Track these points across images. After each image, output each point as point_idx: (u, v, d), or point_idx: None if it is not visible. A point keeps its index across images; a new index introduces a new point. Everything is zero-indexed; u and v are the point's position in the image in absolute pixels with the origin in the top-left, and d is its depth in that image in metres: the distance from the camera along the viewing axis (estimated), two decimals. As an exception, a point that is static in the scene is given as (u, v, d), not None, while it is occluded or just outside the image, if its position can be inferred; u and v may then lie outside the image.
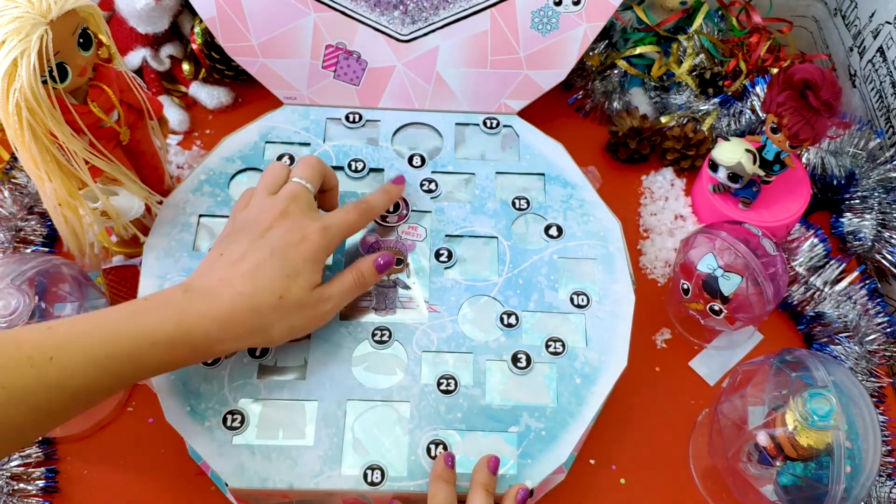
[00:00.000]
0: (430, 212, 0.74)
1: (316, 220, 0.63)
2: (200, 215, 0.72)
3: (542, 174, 0.77)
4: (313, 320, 0.63)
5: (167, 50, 0.92)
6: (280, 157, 0.76)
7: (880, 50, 0.90)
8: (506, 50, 0.80)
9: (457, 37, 0.80)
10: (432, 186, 0.75)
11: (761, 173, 0.80)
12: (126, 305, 0.57)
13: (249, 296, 0.58)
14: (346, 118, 0.80)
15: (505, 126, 0.81)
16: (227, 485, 0.61)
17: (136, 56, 0.90)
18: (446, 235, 0.73)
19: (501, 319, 0.68)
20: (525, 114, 0.83)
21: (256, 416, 0.63)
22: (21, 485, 0.68)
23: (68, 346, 0.52)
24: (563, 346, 0.67)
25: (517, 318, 0.68)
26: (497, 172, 0.77)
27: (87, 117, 0.63)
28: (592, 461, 0.73)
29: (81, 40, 0.60)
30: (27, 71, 0.55)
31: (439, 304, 0.69)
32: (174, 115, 0.90)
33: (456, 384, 0.65)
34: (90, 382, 0.53)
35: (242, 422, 0.62)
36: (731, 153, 0.78)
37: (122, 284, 0.75)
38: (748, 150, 0.77)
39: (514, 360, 0.66)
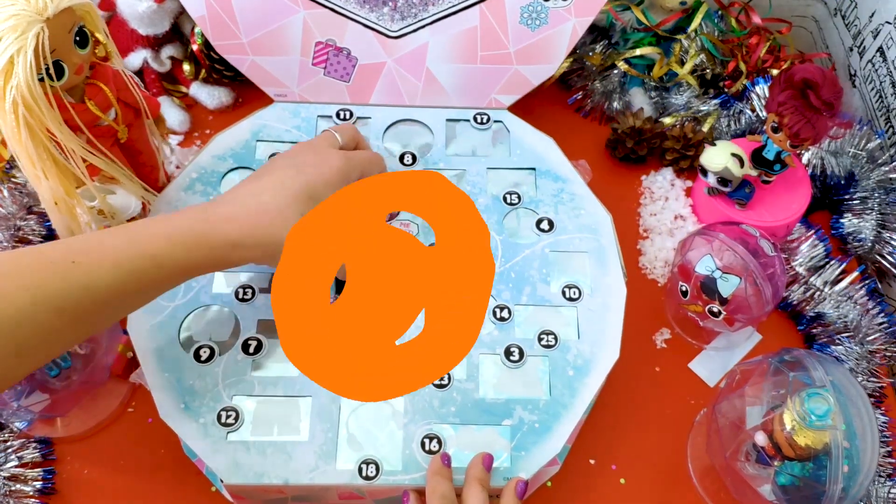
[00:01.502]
0: None
1: (339, 151, 0.66)
2: None
3: (533, 168, 0.78)
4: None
5: (168, 51, 0.92)
6: (271, 157, 0.76)
7: (880, 50, 0.90)
8: (495, 45, 0.81)
9: (446, 33, 0.80)
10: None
11: (754, 173, 0.80)
12: (150, 217, 0.59)
13: (274, 207, 0.60)
14: (337, 115, 0.81)
15: (495, 121, 0.81)
16: (222, 481, 0.61)
17: (137, 57, 0.91)
18: None
19: (494, 313, 0.68)
20: (525, 114, 0.83)
21: (251, 413, 0.63)
22: (18, 485, 0.68)
23: (91, 250, 0.53)
24: (556, 338, 0.67)
25: (510, 312, 0.68)
26: (488, 168, 0.77)
27: (84, 115, 0.63)
28: (592, 461, 0.72)
29: (78, 38, 0.60)
30: (23, 69, 0.55)
31: None
32: (175, 115, 0.90)
33: (449, 378, 0.65)
34: (115, 284, 0.53)
35: (237, 418, 0.63)
36: (717, 158, 0.78)
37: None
38: (734, 154, 0.78)
39: (507, 353, 0.66)
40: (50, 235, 0.80)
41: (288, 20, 0.79)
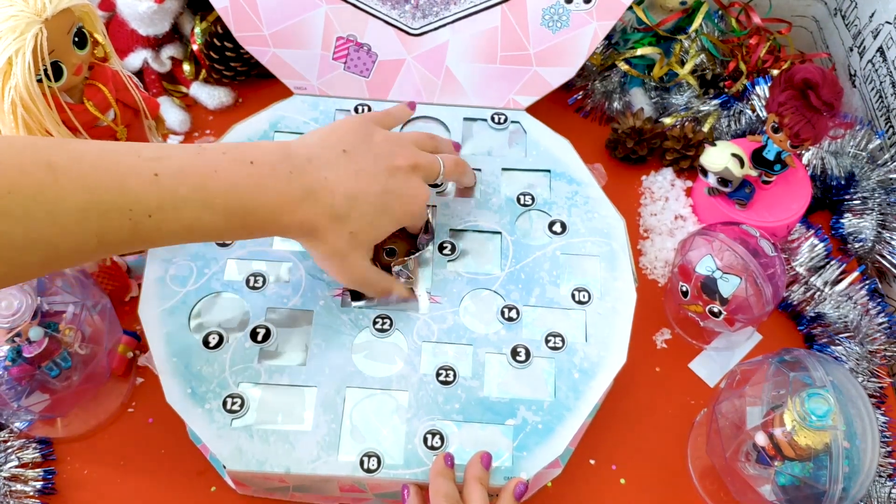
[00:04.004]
0: (434, 206, 0.74)
1: (427, 192, 0.66)
2: None
3: (548, 171, 0.77)
4: (342, 274, 0.64)
5: (168, 51, 0.92)
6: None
7: (880, 50, 0.90)
8: (515, 46, 0.81)
9: (467, 32, 0.80)
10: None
11: (754, 174, 0.80)
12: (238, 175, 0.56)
13: (341, 217, 0.60)
14: (356, 110, 0.81)
15: (513, 122, 0.81)
16: (224, 467, 0.61)
17: (138, 57, 0.91)
18: (451, 230, 0.73)
19: (502, 313, 0.68)
20: (527, 113, 0.83)
21: (256, 401, 0.64)
22: (18, 485, 0.68)
23: (167, 206, 0.52)
24: (563, 341, 0.67)
25: (518, 312, 0.68)
26: (503, 168, 0.77)
27: (82, 116, 0.63)
28: (592, 461, 0.72)
29: (77, 39, 0.61)
30: (22, 69, 0.55)
31: (441, 296, 0.69)
32: (175, 115, 0.90)
33: (455, 375, 0.65)
34: (182, 241, 0.56)
35: (242, 405, 0.63)
36: (717, 159, 0.78)
37: (110, 279, 0.75)
38: (734, 155, 0.78)
39: (514, 353, 0.66)
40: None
41: (310, 14, 0.80)
